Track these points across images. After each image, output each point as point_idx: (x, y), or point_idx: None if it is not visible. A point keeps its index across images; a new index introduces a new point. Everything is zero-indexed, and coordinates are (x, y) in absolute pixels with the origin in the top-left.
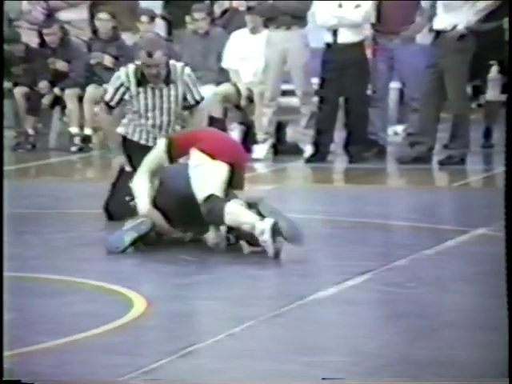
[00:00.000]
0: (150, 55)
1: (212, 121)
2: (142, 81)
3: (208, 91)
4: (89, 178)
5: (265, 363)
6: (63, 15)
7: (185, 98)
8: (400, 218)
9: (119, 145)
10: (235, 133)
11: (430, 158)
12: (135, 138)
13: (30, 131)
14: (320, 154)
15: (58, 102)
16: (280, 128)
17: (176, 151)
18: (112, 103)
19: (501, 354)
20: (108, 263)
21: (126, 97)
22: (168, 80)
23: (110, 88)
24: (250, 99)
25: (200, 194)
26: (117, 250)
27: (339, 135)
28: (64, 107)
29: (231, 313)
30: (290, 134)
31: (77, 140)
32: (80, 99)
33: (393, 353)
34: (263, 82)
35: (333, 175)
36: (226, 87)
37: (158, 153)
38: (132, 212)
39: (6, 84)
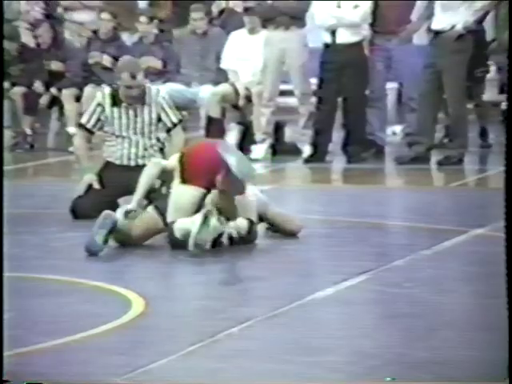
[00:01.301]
0: (133, 77)
1: (210, 121)
2: (116, 101)
3: (206, 91)
4: None
5: (263, 363)
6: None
7: (160, 119)
8: (398, 218)
9: (93, 166)
10: (233, 133)
11: (429, 158)
12: (111, 159)
13: (28, 131)
14: (318, 154)
15: (55, 102)
16: (278, 128)
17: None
18: (88, 125)
19: (500, 354)
20: (106, 263)
21: (102, 117)
22: (143, 101)
23: (86, 112)
24: (249, 99)
25: (167, 217)
26: (95, 253)
27: (337, 135)
28: (62, 107)
29: (229, 313)
30: (289, 134)
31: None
32: (77, 99)
33: (391, 353)
34: (261, 82)
35: (331, 175)
36: (224, 87)
37: (173, 162)
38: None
39: (5, 84)
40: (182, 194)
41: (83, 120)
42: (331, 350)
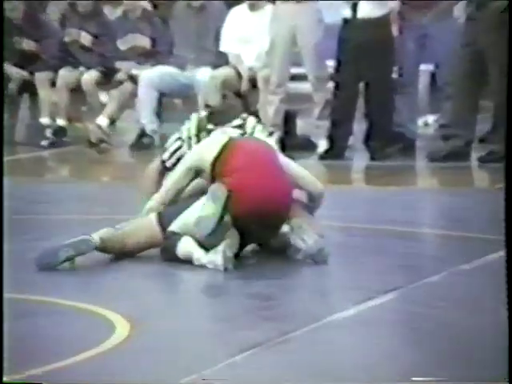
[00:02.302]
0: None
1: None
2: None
3: (204, 75)
4: (64, 177)
5: None
6: None
7: None
8: (431, 225)
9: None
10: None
11: (468, 153)
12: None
13: None
14: (336, 149)
15: (26, 87)
16: (289, 119)
17: None
18: (168, 163)
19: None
20: (85, 279)
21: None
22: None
23: (168, 146)
24: (254, 85)
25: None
26: (47, 265)
27: (358, 127)
28: (34, 94)
29: (231, 337)
30: (301, 125)
31: (49, 133)
32: (53, 84)
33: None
34: (268, 65)
35: (351, 174)
36: (224, 71)
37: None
38: None
39: None
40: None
41: (164, 156)
42: (351, 379)
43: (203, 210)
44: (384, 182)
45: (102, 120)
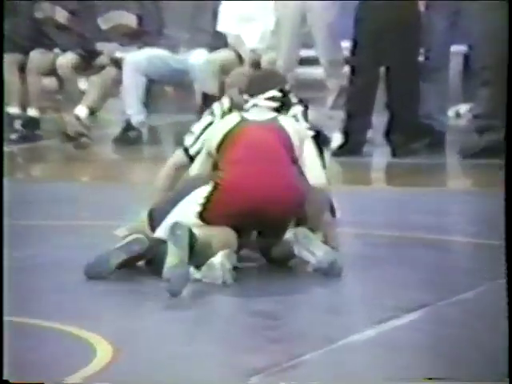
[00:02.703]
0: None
1: (206, 99)
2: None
3: (199, 58)
4: (36, 177)
5: None
6: None
7: None
8: (464, 232)
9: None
10: None
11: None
12: None
13: None
14: (352, 144)
15: None
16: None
17: None
18: (192, 151)
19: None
20: (62, 295)
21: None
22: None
23: (191, 132)
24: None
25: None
26: (98, 274)
27: (378, 119)
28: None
29: (233, 361)
30: (312, 116)
31: (18, 125)
32: (22, 69)
33: None
34: (274, 47)
35: (370, 173)
36: (223, 54)
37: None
38: None
39: None
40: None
41: (188, 142)
42: None
43: (168, 257)
44: (408, 183)
45: (81, 110)
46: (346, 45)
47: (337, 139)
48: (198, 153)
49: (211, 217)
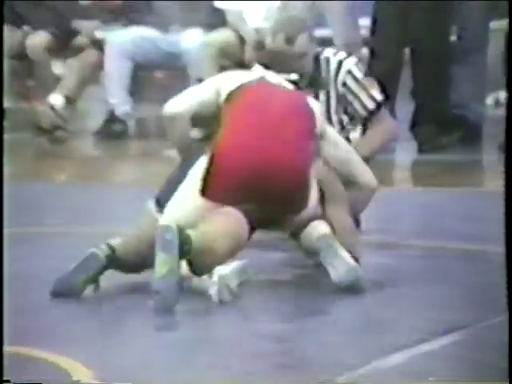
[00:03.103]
0: (289, 41)
1: None
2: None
3: (194, 40)
4: (4, 175)
5: None
6: None
7: (347, 110)
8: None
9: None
10: None
11: None
12: None
13: None
14: None
15: None
16: None
17: None
18: None
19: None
20: (30, 315)
21: None
22: (314, 81)
23: None
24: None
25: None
26: (67, 298)
27: (403, 108)
28: None
29: None
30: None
31: None
32: None
33: None
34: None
35: (393, 172)
36: (221, 34)
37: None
38: None
39: None
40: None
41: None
42: None
43: (157, 266)
44: (438, 183)
45: (57, 99)
46: (365, 23)
47: (354, 133)
48: None
49: (214, 193)
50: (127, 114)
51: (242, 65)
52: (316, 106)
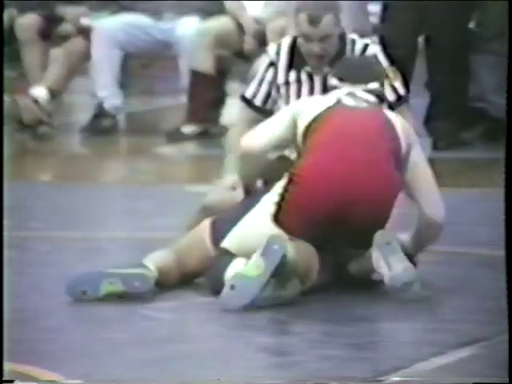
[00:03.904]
0: (313, 22)
1: (196, 79)
2: (296, 61)
3: (188, 28)
4: None
5: None
6: None
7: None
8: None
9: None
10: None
11: None
12: None
13: None
14: None
15: None
16: None
17: None
18: (256, 101)
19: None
20: (16, 326)
21: (273, 90)
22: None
23: (253, 79)
24: (262, 42)
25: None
26: (82, 295)
27: (417, 102)
28: None
29: None
30: None
31: None
32: None
33: None
34: (283, 14)
35: None
36: (218, 22)
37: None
38: None
39: None
40: None
41: (248, 92)
42: None
43: (246, 265)
44: (455, 183)
45: (40, 91)
46: (375, 9)
47: None
48: (266, 101)
49: (287, 221)
50: (117, 107)
51: (241, 55)
52: (397, 121)
